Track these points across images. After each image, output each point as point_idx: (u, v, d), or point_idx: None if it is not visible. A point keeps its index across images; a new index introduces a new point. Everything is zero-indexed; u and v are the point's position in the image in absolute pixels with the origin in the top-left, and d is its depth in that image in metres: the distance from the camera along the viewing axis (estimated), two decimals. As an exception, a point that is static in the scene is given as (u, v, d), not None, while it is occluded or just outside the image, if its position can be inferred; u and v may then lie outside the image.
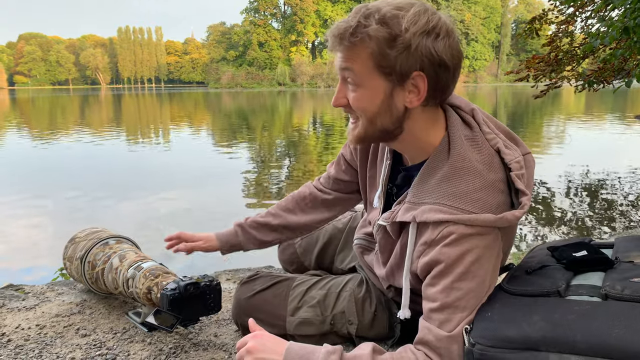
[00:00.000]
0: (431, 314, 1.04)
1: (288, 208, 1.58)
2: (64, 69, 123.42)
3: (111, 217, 5.33)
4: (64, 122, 18.90)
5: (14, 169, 8.60)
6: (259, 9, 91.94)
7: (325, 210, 1.56)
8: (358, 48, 1.01)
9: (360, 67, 1.02)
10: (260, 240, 1.57)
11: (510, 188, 1.08)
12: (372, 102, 1.05)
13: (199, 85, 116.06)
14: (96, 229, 1.89)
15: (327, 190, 1.55)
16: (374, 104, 1.05)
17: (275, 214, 1.57)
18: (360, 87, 1.04)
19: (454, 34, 1.03)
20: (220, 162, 9.38)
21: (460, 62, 1.05)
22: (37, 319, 1.70)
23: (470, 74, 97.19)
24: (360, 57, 1.01)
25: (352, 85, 1.05)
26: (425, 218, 1.04)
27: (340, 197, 1.54)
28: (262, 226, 1.57)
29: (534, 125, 16.23)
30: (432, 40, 0.99)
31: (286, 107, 29.87)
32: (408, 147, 1.14)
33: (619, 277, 1.03)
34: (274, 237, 1.58)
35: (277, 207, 1.59)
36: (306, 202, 1.57)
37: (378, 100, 1.04)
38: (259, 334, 1.09)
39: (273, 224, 1.56)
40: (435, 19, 1.00)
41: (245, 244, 1.57)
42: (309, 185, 1.60)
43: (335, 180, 1.52)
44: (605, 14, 5.01)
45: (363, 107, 1.06)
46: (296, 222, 1.57)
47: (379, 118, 1.06)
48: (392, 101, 1.04)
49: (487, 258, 1.03)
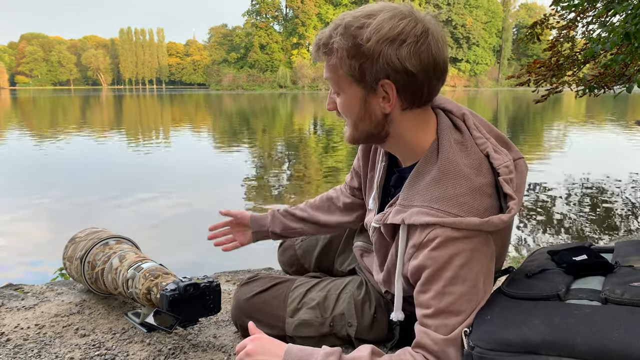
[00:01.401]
0: (426, 320, 1.04)
1: (315, 205, 1.66)
2: (65, 69, 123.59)
3: (111, 218, 5.33)
4: (65, 123, 18.92)
5: (14, 168, 8.61)
6: (260, 12, 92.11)
7: (345, 214, 1.61)
8: (331, 59, 1.07)
9: (336, 76, 1.08)
10: (284, 225, 1.65)
11: (499, 192, 1.08)
12: (351, 107, 1.10)
13: (200, 87, 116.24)
14: (96, 229, 1.89)
15: (347, 194, 1.61)
16: (353, 110, 1.10)
17: (304, 208, 1.66)
18: (341, 94, 1.11)
19: (426, 37, 1.01)
20: (221, 164, 9.39)
21: (436, 65, 1.03)
22: (36, 318, 1.70)
23: (472, 78, 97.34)
24: (334, 66, 1.07)
25: (335, 92, 1.13)
26: (413, 220, 1.05)
27: (357, 202, 1.58)
28: (290, 215, 1.65)
29: (535, 130, 16.23)
30: (396, 47, 1.00)
31: (287, 110, 29.90)
32: (399, 149, 1.16)
33: (619, 281, 1.03)
34: (298, 227, 1.65)
35: (306, 203, 1.68)
36: (331, 202, 1.64)
37: (356, 106, 1.09)
38: (258, 336, 1.10)
39: (299, 215, 1.65)
40: (401, 25, 1.00)
41: (271, 226, 1.65)
42: (337, 189, 1.67)
43: (350, 188, 1.59)
44: (607, 20, 5.02)
45: (345, 112, 1.12)
46: (318, 218, 1.63)
47: (360, 123, 1.11)
48: (368, 107, 1.09)
49: (476, 261, 1.03)
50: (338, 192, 1.64)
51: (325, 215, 1.63)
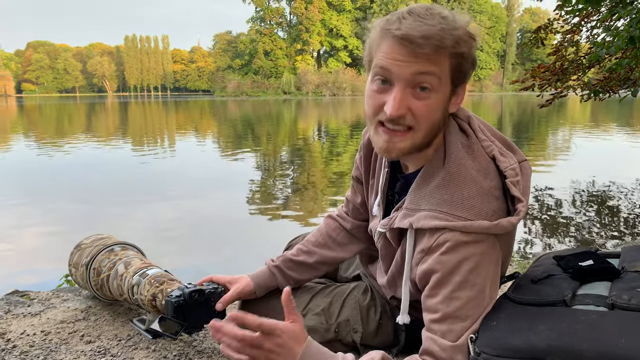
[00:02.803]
0: (433, 325, 1.04)
1: (321, 243, 1.51)
2: (71, 76, 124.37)
3: (117, 224, 5.35)
4: (71, 129, 19.02)
5: (20, 175, 8.65)
6: (265, 18, 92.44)
7: (355, 241, 1.50)
8: (443, 52, 0.99)
9: (441, 71, 1.00)
10: (297, 280, 1.50)
11: (506, 195, 1.08)
12: (440, 108, 1.04)
13: (205, 93, 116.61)
14: (102, 235, 1.90)
15: (349, 219, 1.50)
16: (440, 111, 1.05)
17: (309, 251, 1.50)
18: (435, 93, 1.01)
19: None
20: (226, 170, 9.40)
21: None
22: (42, 325, 1.70)
23: (476, 83, 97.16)
24: (444, 62, 1.00)
25: (426, 92, 1.01)
26: (421, 224, 1.05)
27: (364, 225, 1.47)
28: (299, 265, 1.50)
29: (540, 134, 16.19)
30: (474, 48, 1.03)
31: (291, 116, 29.94)
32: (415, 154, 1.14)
33: (626, 286, 1.03)
34: (311, 275, 1.52)
35: (308, 244, 1.52)
36: (336, 234, 1.51)
37: (444, 107, 1.05)
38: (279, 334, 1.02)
39: (310, 262, 1.49)
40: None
41: (282, 284, 1.48)
42: (333, 217, 1.55)
43: (353, 209, 1.48)
44: (611, 24, 5.01)
45: (431, 114, 1.03)
46: (333, 256, 1.51)
47: (437, 124, 1.06)
48: (448, 106, 1.07)
49: (484, 266, 1.03)
50: (338, 220, 1.53)
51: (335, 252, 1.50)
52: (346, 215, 1.52)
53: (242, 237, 5.02)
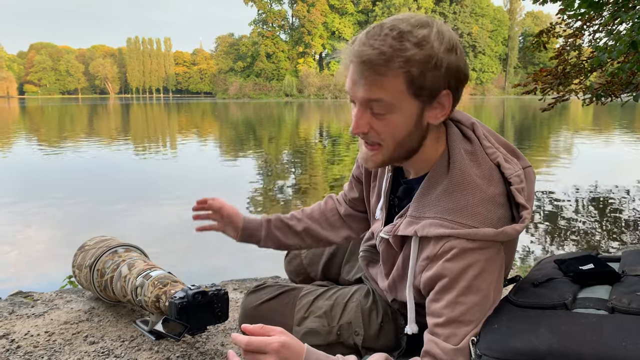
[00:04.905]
0: (436, 329, 1.04)
1: (313, 217, 1.54)
2: (73, 78, 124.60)
3: (120, 226, 5.36)
4: (73, 131, 19.07)
5: (24, 176, 8.68)
6: (267, 21, 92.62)
7: (346, 227, 1.53)
8: (391, 74, 0.97)
9: (392, 94, 0.99)
10: (280, 242, 1.52)
11: (510, 202, 1.08)
12: (404, 125, 1.04)
13: (207, 95, 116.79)
14: (105, 237, 1.91)
15: (344, 205, 1.54)
16: (406, 127, 1.04)
17: (301, 219, 1.53)
18: (391, 114, 1.02)
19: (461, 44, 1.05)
20: (227, 172, 9.42)
21: None
22: (46, 325, 1.72)
23: (478, 87, 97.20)
24: (393, 84, 0.98)
25: (380, 114, 1.02)
26: (426, 232, 1.05)
27: (356, 215, 1.51)
28: (287, 228, 1.52)
29: (542, 138, 16.18)
30: (456, 56, 1.00)
31: (293, 118, 29.98)
32: (413, 161, 1.14)
33: (626, 290, 1.03)
34: (295, 242, 1.53)
35: (303, 214, 1.55)
36: (331, 214, 1.54)
37: (410, 123, 1.04)
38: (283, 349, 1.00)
39: (297, 230, 1.52)
40: (453, 35, 1.01)
41: (264, 240, 1.51)
42: (333, 198, 1.58)
43: (350, 199, 1.51)
44: (613, 28, 5.03)
45: (393, 132, 1.04)
46: (321, 234, 1.53)
47: (408, 139, 1.06)
48: (421, 121, 1.05)
49: (489, 272, 1.04)
50: (335, 203, 1.56)
51: (325, 230, 1.53)
52: (343, 201, 1.55)
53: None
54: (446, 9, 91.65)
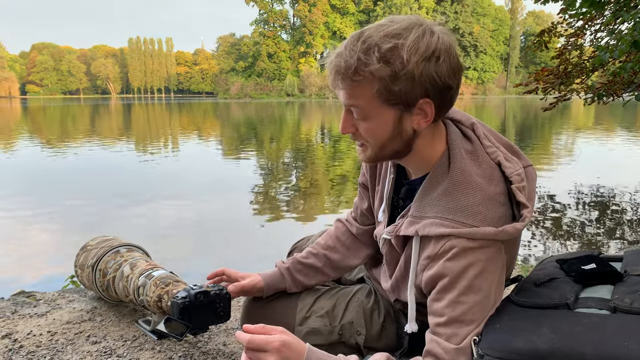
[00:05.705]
0: (438, 329, 1.04)
1: (329, 246, 1.50)
2: (75, 78, 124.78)
3: (122, 226, 5.37)
4: (74, 131, 19.09)
5: (26, 176, 8.69)
6: (268, 21, 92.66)
7: (363, 246, 1.49)
8: (362, 86, 1.00)
9: (365, 102, 1.02)
10: (304, 285, 1.49)
11: (511, 201, 1.08)
12: (382, 131, 1.06)
13: (208, 95, 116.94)
14: (107, 237, 1.91)
15: (356, 224, 1.50)
16: (384, 133, 1.06)
17: (317, 253, 1.50)
18: (368, 120, 1.05)
19: (452, 49, 1.01)
20: (229, 172, 9.43)
21: (461, 74, 1.05)
22: (49, 325, 1.72)
23: (479, 86, 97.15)
24: (365, 94, 1.01)
25: (359, 119, 1.06)
26: (427, 232, 1.06)
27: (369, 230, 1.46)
28: (308, 268, 1.49)
29: (543, 138, 16.17)
30: (434, 65, 0.98)
31: (294, 118, 29.98)
32: (412, 162, 1.15)
33: (628, 290, 1.03)
34: (320, 279, 1.50)
35: (318, 247, 1.51)
36: (345, 238, 1.51)
37: (388, 128, 1.05)
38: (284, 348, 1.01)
39: (319, 266, 1.48)
40: (434, 41, 0.98)
41: (290, 287, 1.48)
42: (342, 220, 1.55)
43: (361, 213, 1.48)
44: (615, 27, 5.02)
45: (373, 136, 1.07)
46: (342, 260, 1.50)
47: (389, 143, 1.07)
48: (401, 126, 1.05)
49: (490, 271, 1.04)
50: (346, 224, 1.52)
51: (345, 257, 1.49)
52: (354, 220, 1.52)
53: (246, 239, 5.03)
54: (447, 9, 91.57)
